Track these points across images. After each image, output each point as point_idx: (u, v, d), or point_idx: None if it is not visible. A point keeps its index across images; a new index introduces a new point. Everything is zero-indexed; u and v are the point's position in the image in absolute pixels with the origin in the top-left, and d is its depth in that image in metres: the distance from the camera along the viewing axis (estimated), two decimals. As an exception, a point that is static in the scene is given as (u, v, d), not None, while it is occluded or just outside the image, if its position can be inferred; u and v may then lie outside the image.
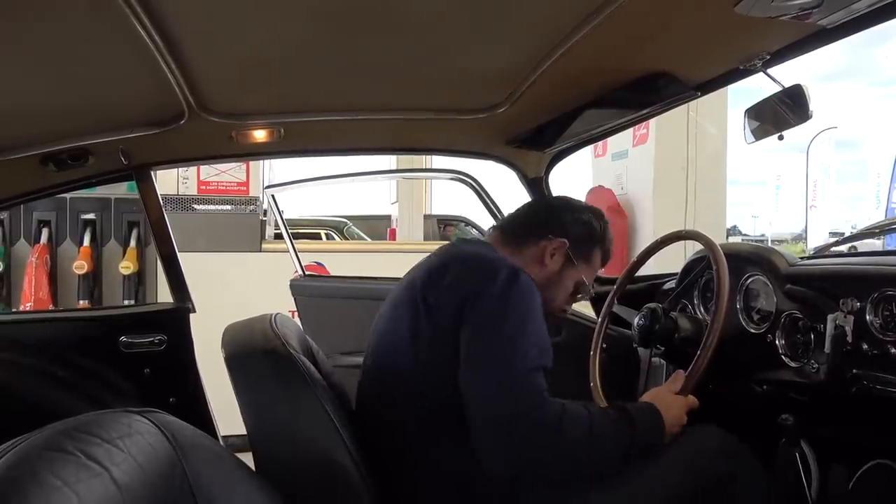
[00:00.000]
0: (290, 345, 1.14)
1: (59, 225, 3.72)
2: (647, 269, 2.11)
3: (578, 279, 1.41)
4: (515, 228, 1.44)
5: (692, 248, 1.70)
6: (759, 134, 1.41)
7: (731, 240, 10.53)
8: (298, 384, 1.09)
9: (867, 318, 1.25)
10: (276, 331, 1.17)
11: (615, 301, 1.70)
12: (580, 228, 1.42)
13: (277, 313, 1.27)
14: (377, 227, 8.60)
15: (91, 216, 3.73)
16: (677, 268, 1.75)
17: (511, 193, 2.17)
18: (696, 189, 4.62)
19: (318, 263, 3.47)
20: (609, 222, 1.49)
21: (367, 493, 1.06)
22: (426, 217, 9.32)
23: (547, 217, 1.44)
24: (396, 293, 1.33)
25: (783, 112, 1.30)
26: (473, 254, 1.34)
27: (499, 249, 1.37)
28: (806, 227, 12.40)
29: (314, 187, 2.85)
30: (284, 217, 2.69)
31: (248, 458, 0.99)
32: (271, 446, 1.13)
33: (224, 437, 2.01)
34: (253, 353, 1.15)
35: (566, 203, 1.50)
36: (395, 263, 3.59)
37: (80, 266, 3.54)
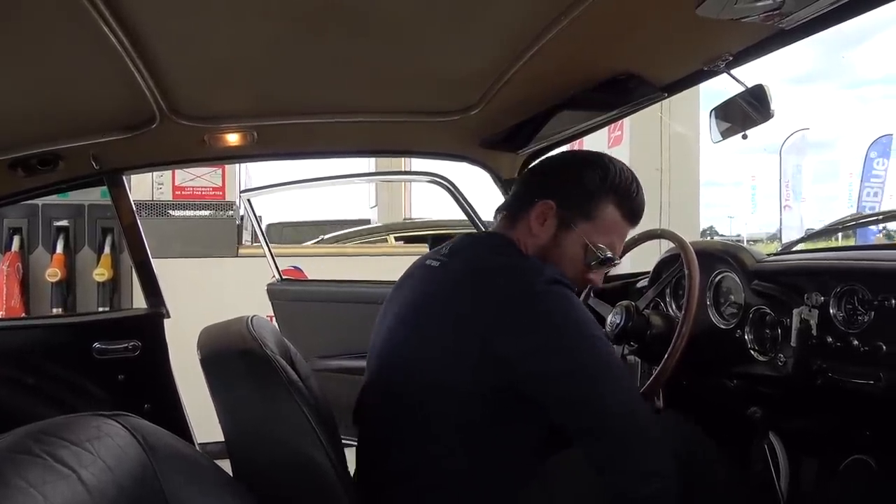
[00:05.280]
0: (266, 346, 1.13)
1: (31, 232, 3.67)
2: (621, 268, 2.15)
3: (582, 242, 1.22)
4: (513, 202, 1.30)
5: (666, 247, 1.73)
6: (725, 133, 1.44)
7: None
8: (275, 385, 1.08)
9: (831, 311, 1.28)
10: (252, 332, 1.16)
11: (590, 298, 1.72)
12: (571, 182, 1.23)
13: (254, 316, 1.27)
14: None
15: (64, 223, 3.69)
16: (651, 266, 1.78)
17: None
18: (670, 190, 4.69)
19: (296, 268, 3.46)
20: (626, 168, 1.28)
21: (346, 494, 1.06)
22: (406, 220, 9.32)
23: (533, 179, 1.30)
24: (408, 300, 1.25)
25: (747, 111, 1.34)
26: (495, 269, 1.17)
27: (507, 232, 1.26)
28: (780, 227, 12.59)
29: (292, 191, 2.85)
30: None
31: (227, 466, 0.99)
32: (248, 448, 1.13)
33: (202, 444, 1.99)
34: (229, 354, 1.14)
35: (561, 158, 1.33)
36: (374, 267, 3.61)
37: (53, 274, 3.49)
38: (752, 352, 1.46)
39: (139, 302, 1.99)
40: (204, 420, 2.16)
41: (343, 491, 1.05)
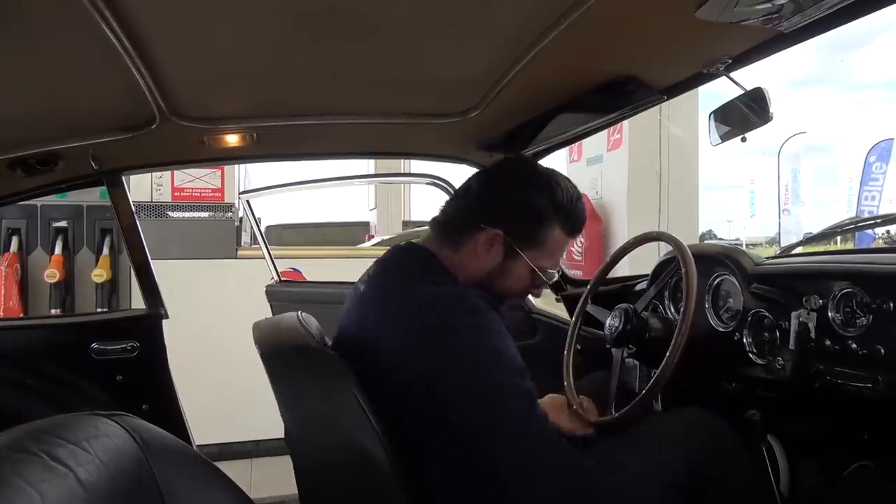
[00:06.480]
0: (321, 341, 1.16)
1: (30, 233, 3.67)
2: (622, 272, 2.15)
3: (529, 267, 1.22)
4: (450, 221, 1.26)
5: (665, 251, 1.73)
6: (724, 136, 1.44)
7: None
8: (332, 378, 1.09)
9: (829, 314, 1.29)
10: (306, 328, 1.18)
11: (588, 302, 1.72)
12: (520, 210, 1.22)
13: (300, 311, 1.28)
14: (355, 234, 8.57)
15: (63, 224, 3.69)
16: (650, 269, 1.78)
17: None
18: (669, 193, 4.69)
19: (295, 269, 3.46)
20: (570, 185, 1.27)
21: (402, 489, 1.05)
22: (405, 223, 9.32)
23: (478, 202, 1.25)
24: (362, 301, 1.24)
25: (746, 114, 1.34)
26: (418, 303, 1.14)
27: (439, 250, 1.23)
28: (779, 230, 12.61)
29: (290, 193, 2.85)
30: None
31: (222, 468, 0.98)
32: (309, 441, 1.14)
33: (200, 445, 1.99)
34: (287, 349, 1.16)
35: (505, 179, 1.27)
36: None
37: (52, 274, 3.49)
38: (751, 355, 1.46)
39: (137, 303, 2.00)
40: (202, 421, 2.17)
41: (400, 485, 1.04)
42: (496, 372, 1.06)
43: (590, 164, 5.20)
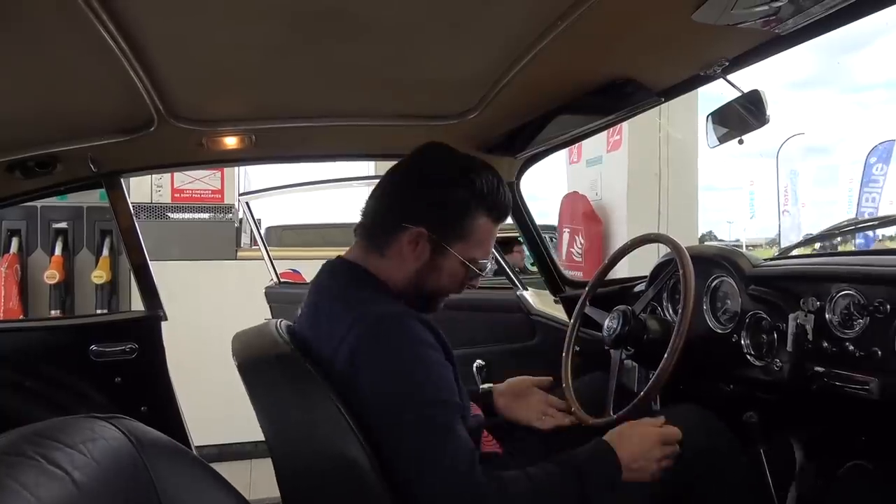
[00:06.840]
0: (299, 349, 1.15)
1: (30, 234, 3.68)
2: (621, 273, 2.15)
3: (460, 261, 1.19)
4: (372, 224, 1.23)
5: (665, 252, 1.73)
6: (722, 138, 1.44)
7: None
8: (312, 387, 1.09)
9: (826, 316, 1.29)
10: (284, 337, 1.18)
11: (587, 304, 1.72)
12: (441, 204, 1.18)
13: (280, 319, 1.28)
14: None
15: (63, 225, 3.70)
16: (648, 271, 1.78)
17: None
18: (668, 194, 4.69)
19: (294, 271, 3.46)
20: (490, 171, 1.23)
21: (387, 495, 1.05)
22: (405, 224, 9.22)
23: (396, 202, 1.21)
24: (313, 306, 1.23)
25: (744, 116, 1.34)
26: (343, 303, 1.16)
27: (367, 260, 1.21)
28: (779, 231, 12.61)
29: (292, 194, 2.85)
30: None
31: (221, 469, 0.99)
32: (289, 449, 1.14)
33: (198, 447, 1.99)
34: (266, 359, 1.16)
35: (421, 173, 1.23)
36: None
37: (52, 275, 3.50)
38: (749, 356, 1.46)
39: (138, 304, 2.00)
40: (201, 422, 2.17)
41: (384, 491, 1.04)
42: (411, 401, 1.05)
43: (589, 165, 5.20)
